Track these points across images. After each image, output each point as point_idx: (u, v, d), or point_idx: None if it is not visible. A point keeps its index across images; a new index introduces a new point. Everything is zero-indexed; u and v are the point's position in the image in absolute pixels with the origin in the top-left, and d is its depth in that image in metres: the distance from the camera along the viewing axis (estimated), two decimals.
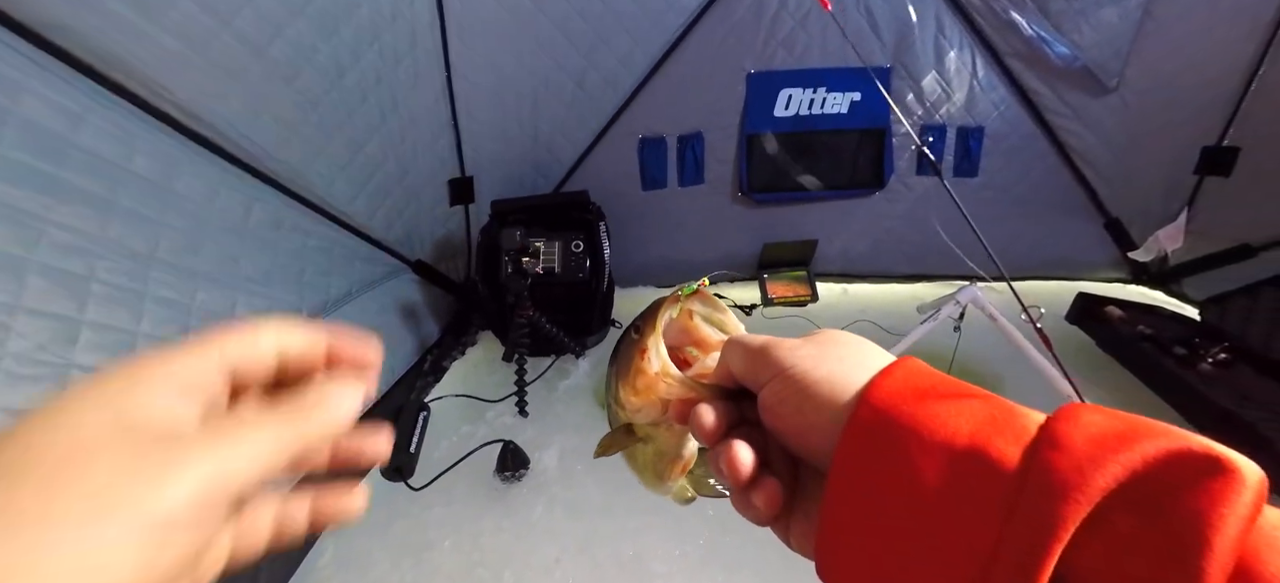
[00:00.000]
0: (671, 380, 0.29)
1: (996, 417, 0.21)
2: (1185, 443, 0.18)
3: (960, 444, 0.20)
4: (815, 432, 0.25)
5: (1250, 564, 0.15)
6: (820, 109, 1.78)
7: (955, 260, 1.94)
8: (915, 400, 0.22)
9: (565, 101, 1.63)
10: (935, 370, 0.25)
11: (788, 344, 0.27)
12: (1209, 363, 1.33)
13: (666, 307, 0.31)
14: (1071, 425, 0.19)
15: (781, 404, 0.26)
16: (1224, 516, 0.16)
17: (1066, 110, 1.72)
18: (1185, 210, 1.77)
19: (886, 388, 0.23)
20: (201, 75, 0.92)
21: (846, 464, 0.23)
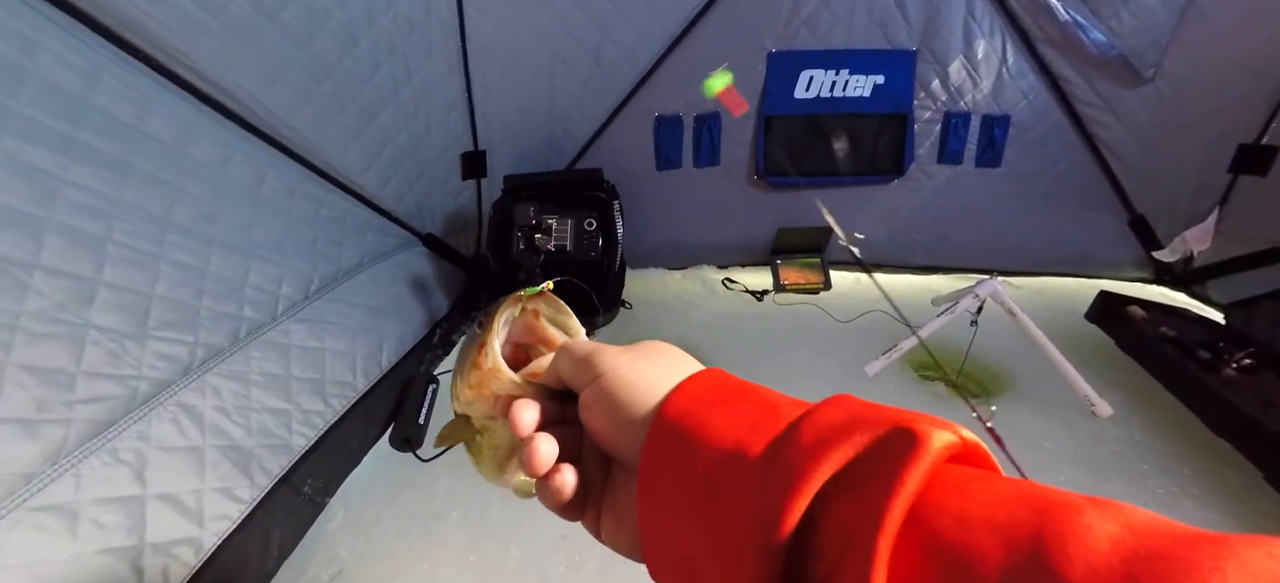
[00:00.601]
0: (502, 378, 0.31)
1: (762, 417, 0.24)
2: (889, 425, 0.21)
3: (728, 445, 0.23)
4: (623, 432, 0.27)
5: (923, 505, 0.19)
6: (842, 91, 1.73)
7: (972, 254, 1.91)
8: (706, 407, 0.25)
9: (581, 77, 1.61)
10: (732, 378, 0.28)
11: (610, 352, 0.29)
12: (1233, 368, 1.30)
13: (508, 306, 0.33)
14: (809, 422, 0.22)
15: (597, 405, 0.28)
16: (904, 479, 0.19)
17: (1098, 100, 1.66)
18: (1216, 210, 1.71)
19: (682, 398, 0.26)
20: (216, 39, 0.91)
21: (648, 467, 0.25)
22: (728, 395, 0.26)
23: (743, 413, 0.25)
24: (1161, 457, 1.28)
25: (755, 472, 0.22)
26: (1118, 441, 1.33)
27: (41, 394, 0.72)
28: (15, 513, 0.67)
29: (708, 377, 0.28)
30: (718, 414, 0.25)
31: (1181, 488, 1.20)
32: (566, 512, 0.30)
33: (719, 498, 0.23)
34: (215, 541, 0.86)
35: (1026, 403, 1.45)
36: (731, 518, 0.22)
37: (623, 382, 0.28)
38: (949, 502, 0.19)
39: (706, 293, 1.92)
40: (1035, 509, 0.17)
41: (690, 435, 0.25)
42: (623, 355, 0.29)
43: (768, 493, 0.21)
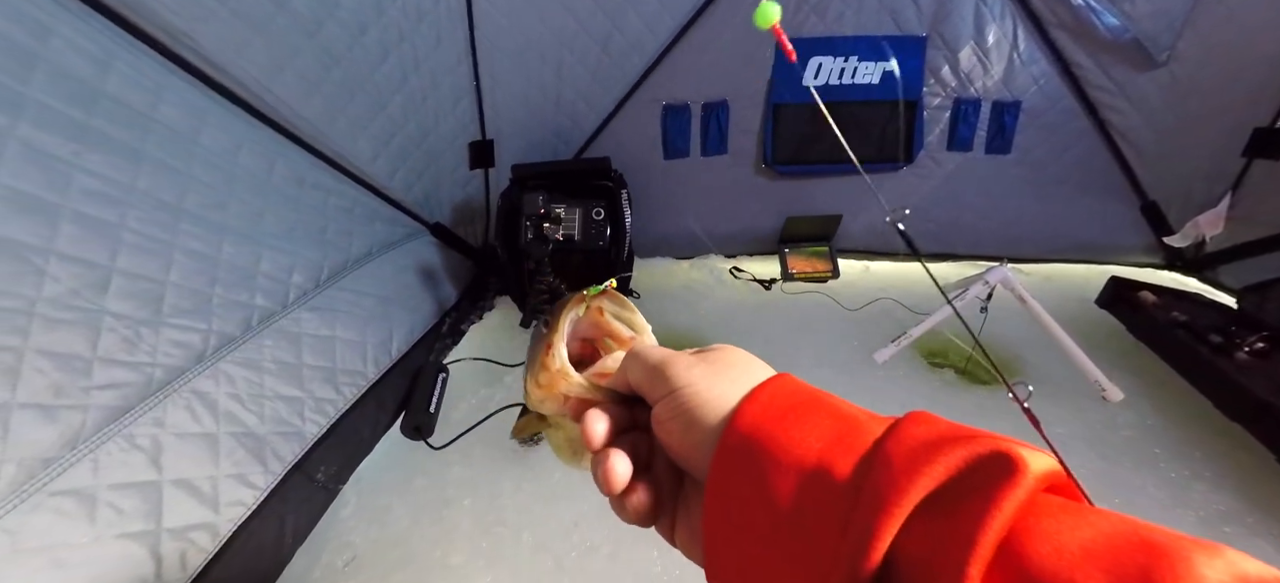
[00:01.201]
0: (570, 380, 0.30)
1: (843, 433, 0.23)
2: (984, 448, 0.20)
3: (809, 463, 0.22)
4: (697, 451, 0.26)
5: (1018, 535, 0.18)
6: (851, 79, 1.72)
7: (982, 241, 1.90)
8: (777, 420, 0.24)
9: (589, 66, 1.60)
10: (803, 386, 0.27)
11: (683, 362, 0.29)
12: (1246, 352, 1.29)
13: (572, 306, 0.33)
14: (896, 441, 0.22)
15: (671, 421, 0.27)
16: (1000, 505, 0.18)
17: (1111, 85, 1.64)
18: (1228, 194, 1.69)
19: (752, 410, 0.25)
20: (224, 26, 0.90)
21: (717, 484, 0.25)
22: (802, 406, 0.25)
23: (820, 427, 0.23)
24: (1174, 441, 1.27)
25: (842, 494, 0.21)
26: (1129, 425, 1.32)
27: (59, 380, 0.72)
28: (35, 497, 0.67)
29: (779, 385, 0.26)
30: (793, 428, 0.24)
31: (1194, 472, 1.20)
32: (639, 523, 0.29)
33: (799, 520, 0.22)
34: (231, 526, 0.86)
35: (1039, 389, 1.44)
36: (814, 542, 0.21)
37: (699, 398, 0.27)
38: (1046, 533, 0.18)
39: (714, 282, 1.91)
40: (1141, 550, 0.17)
41: (763, 451, 0.23)
42: (696, 367, 0.28)
43: (856, 518, 0.20)
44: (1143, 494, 1.16)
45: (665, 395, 0.28)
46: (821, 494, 0.22)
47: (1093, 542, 0.17)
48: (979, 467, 0.20)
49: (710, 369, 0.28)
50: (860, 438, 0.23)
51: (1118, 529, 0.18)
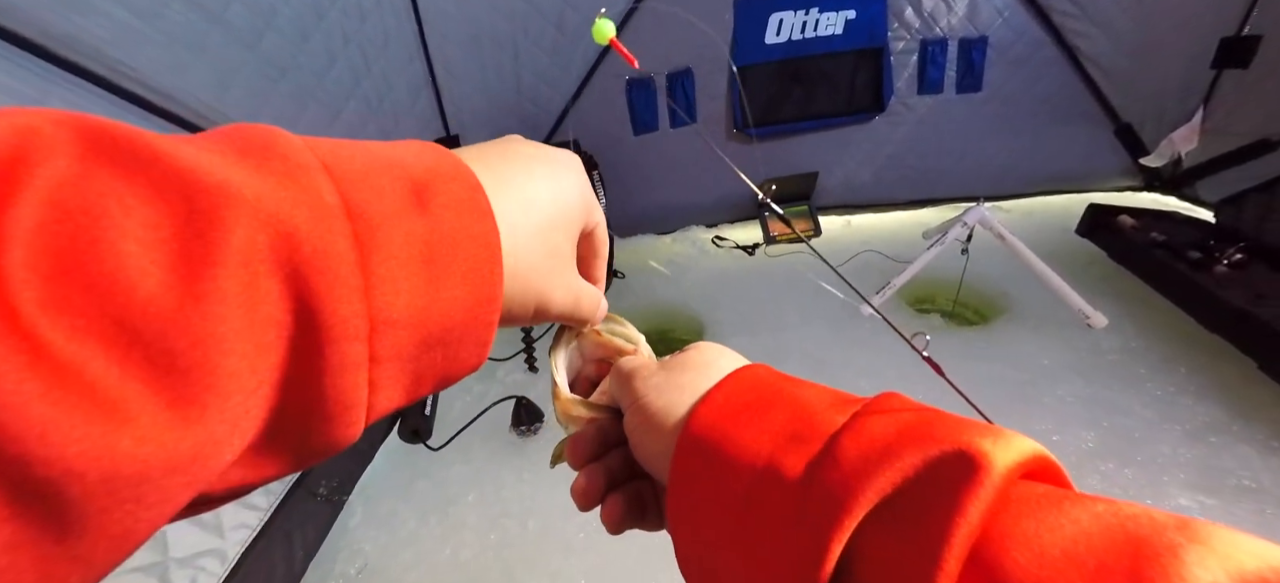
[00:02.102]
0: (573, 411, 0.32)
1: (797, 428, 0.22)
2: (945, 447, 0.19)
3: (760, 462, 0.21)
4: (658, 461, 0.26)
5: (992, 543, 0.17)
6: (813, 32, 1.69)
7: (960, 183, 1.90)
8: (732, 418, 0.23)
9: (546, 47, 1.56)
10: (768, 377, 0.26)
11: (642, 374, 0.28)
12: (1224, 265, 1.31)
13: (565, 339, 0.34)
14: (851, 436, 0.20)
15: (633, 433, 0.28)
16: (965, 512, 0.17)
17: (1074, 10, 1.63)
18: (1201, 108, 1.69)
19: (707, 411, 0.24)
20: (160, 50, 0.88)
21: (675, 489, 0.24)
22: (761, 401, 0.24)
23: (775, 422, 0.22)
24: (1158, 359, 1.29)
25: (792, 496, 0.20)
26: (1115, 349, 1.34)
27: None
28: None
29: (740, 379, 0.25)
30: (749, 424, 0.23)
31: (1179, 387, 1.22)
32: (635, 528, 0.29)
33: (756, 523, 0.21)
34: (239, 549, 0.87)
35: (1023, 323, 1.46)
36: (770, 547, 0.20)
37: (649, 409, 0.26)
38: (1024, 537, 0.16)
39: (698, 254, 1.91)
40: (1128, 548, 0.15)
41: (719, 450, 0.23)
42: (653, 377, 0.28)
43: (806, 523, 0.19)
44: (1130, 415, 1.18)
45: (627, 409, 0.28)
46: (772, 496, 0.21)
47: (1074, 542, 0.16)
48: (938, 468, 0.18)
49: (666, 377, 0.27)
50: (815, 432, 0.21)
51: (1102, 524, 0.16)
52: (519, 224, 0.23)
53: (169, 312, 0.13)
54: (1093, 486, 1.05)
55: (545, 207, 0.24)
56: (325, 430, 0.17)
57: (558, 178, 0.25)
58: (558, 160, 0.26)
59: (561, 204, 0.25)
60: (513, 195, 0.23)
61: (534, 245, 0.24)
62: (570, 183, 0.26)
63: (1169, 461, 1.08)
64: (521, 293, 0.24)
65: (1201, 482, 1.03)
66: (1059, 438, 1.14)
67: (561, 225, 0.25)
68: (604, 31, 0.66)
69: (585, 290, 0.28)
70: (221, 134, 0.17)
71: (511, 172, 0.23)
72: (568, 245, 0.26)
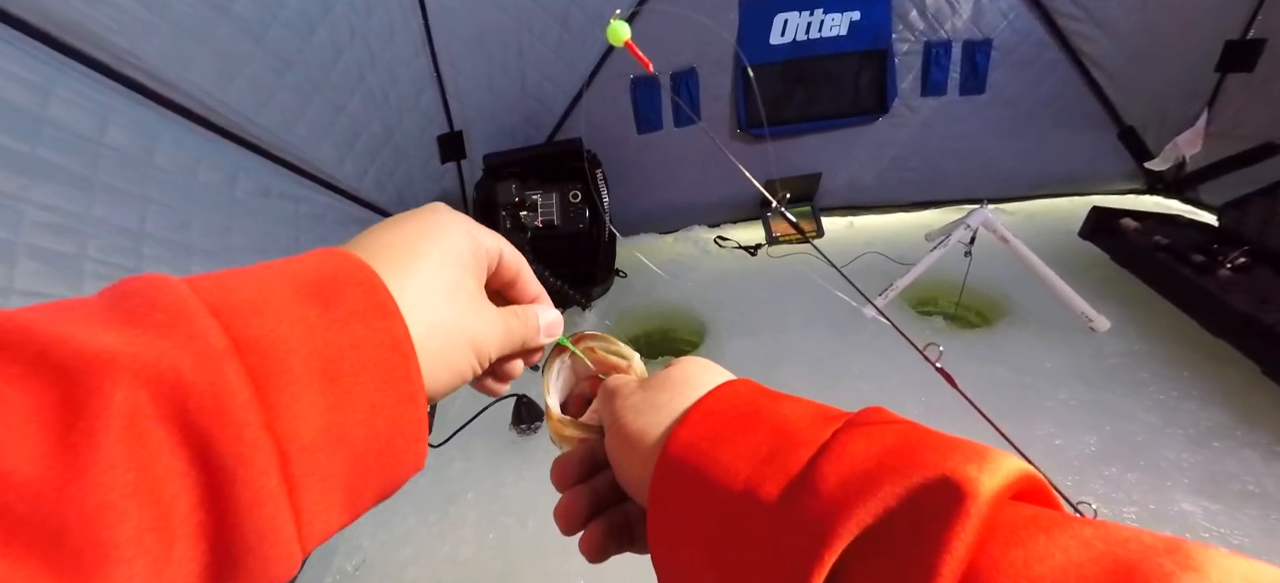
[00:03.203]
0: (565, 434, 0.32)
1: (776, 449, 0.21)
2: (928, 473, 0.18)
3: (737, 486, 0.21)
4: (636, 487, 0.25)
5: (981, 575, 0.16)
6: (818, 33, 1.69)
7: (963, 185, 1.89)
8: (711, 439, 0.23)
9: (551, 44, 1.56)
10: (749, 393, 0.25)
11: (622, 393, 0.28)
12: (1228, 268, 1.30)
13: (554, 359, 0.34)
14: (831, 461, 0.20)
15: (613, 454, 0.27)
16: (951, 543, 0.16)
17: (1079, 12, 1.62)
18: (1205, 112, 1.69)
19: (685, 433, 0.24)
20: (167, 39, 0.88)
21: (654, 513, 0.23)
22: (741, 419, 0.23)
23: (754, 442, 0.21)
24: (1161, 363, 1.29)
25: (768, 523, 0.19)
26: (1117, 353, 1.34)
27: None
28: None
29: (720, 397, 0.24)
30: (728, 444, 0.22)
31: (1182, 392, 1.21)
32: (623, 552, 0.29)
33: (735, 550, 0.20)
34: None
35: (1026, 326, 1.46)
36: (749, 576, 0.19)
37: (626, 431, 0.26)
38: (1010, 566, 0.16)
39: (700, 254, 1.91)
40: (1117, 578, 0.15)
41: (698, 473, 0.22)
42: (632, 396, 0.27)
43: (785, 554, 0.18)
44: (1133, 419, 1.17)
45: (608, 431, 0.27)
46: (749, 521, 0.20)
47: (1064, 572, 0.15)
48: (922, 498, 0.17)
49: (645, 396, 0.27)
50: (794, 454, 0.20)
51: (1093, 552, 0.16)
52: (424, 302, 0.23)
53: (52, 491, 0.13)
54: (1096, 490, 1.04)
55: (440, 271, 0.24)
56: (259, 567, 0.17)
57: (438, 236, 0.25)
58: (430, 220, 0.25)
59: (453, 257, 0.25)
60: (409, 277, 0.23)
61: (446, 314, 0.23)
62: (452, 235, 0.25)
63: (1172, 465, 1.07)
64: (449, 366, 0.24)
65: (1205, 487, 1.03)
66: (1061, 442, 1.14)
67: (461, 280, 0.25)
68: (619, 33, 0.66)
69: (514, 317, 0.27)
70: (104, 295, 0.17)
71: (399, 253, 0.23)
72: (476, 290, 0.26)
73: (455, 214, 0.26)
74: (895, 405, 0.93)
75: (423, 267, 0.23)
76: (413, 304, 0.22)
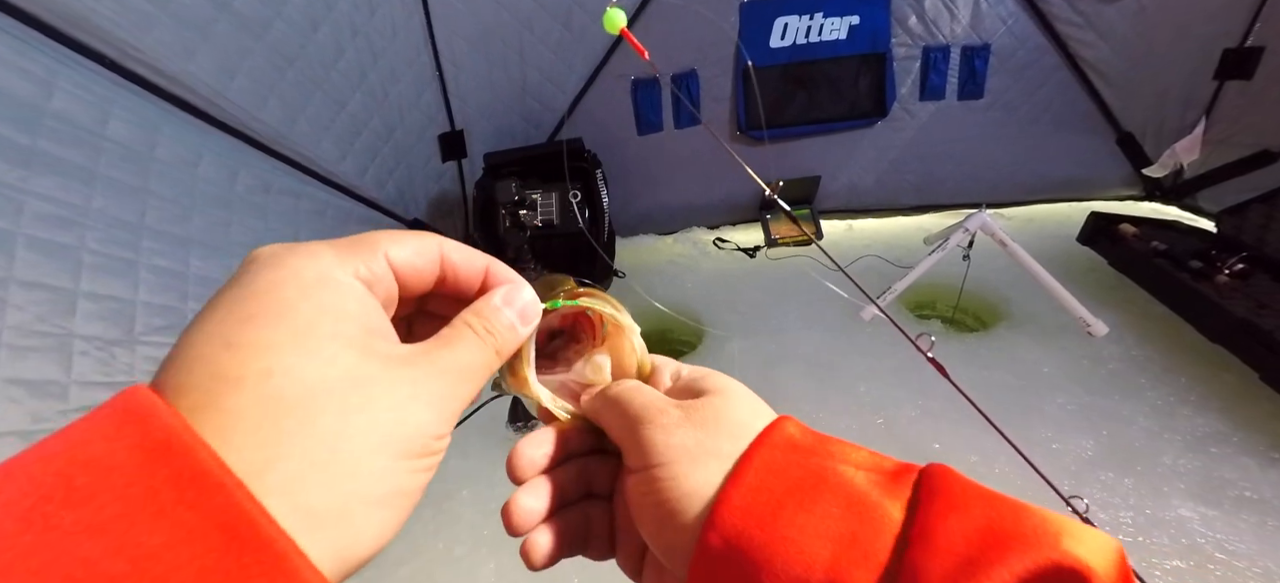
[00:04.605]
0: (536, 395, 0.25)
1: (856, 531, 0.18)
2: (1037, 559, 0.16)
3: (818, 578, 0.18)
4: (674, 554, 0.21)
5: None
6: (818, 36, 1.70)
7: (962, 189, 1.90)
8: (771, 514, 0.19)
9: (552, 44, 1.57)
10: (802, 445, 0.21)
11: (663, 425, 0.22)
12: (1226, 274, 1.30)
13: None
14: (929, 552, 0.17)
15: (645, 506, 0.22)
16: None
17: (1078, 19, 1.63)
18: (1203, 119, 1.69)
19: (739, 499, 0.20)
20: (168, 33, 0.88)
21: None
22: (801, 487, 0.19)
23: (826, 522, 0.19)
24: (1159, 369, 1.29)
25: None
26: (1115, 358, 1.34)
27: (36, 407, 0.72)
28: None
29: (771, 456, 0.21)
30: (794, 518, 0.19)
31: (1179, 397, 1.21)
32: (587, 554, 0.25)
33: None
34: None
35: (1024, 330, 1.46)
36: None
37: (679, 486, 0.21)
38: None
39: (699, 255, 1.91)
40: None
41: (764, 553, 0.18)
42: (679, 431, 0.22)
43: None
44: (1131, 425, 1.17)
45: (640, 471, 0.22)
46: None
47: None
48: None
49: (699, 435, 0.22)
50: (878, 536, 0.18)
51: None
52: (293, 445, 0.15)
53: None
54: (1093, 495, 1.04)
55: (310, 366, 0.16)
56: None
57: (293, 307, 0.16)
58: (273, 285, 0.17)
59: (328, 330, 0.17)
60: (260, 412, 0.15)
61: (338, 443, 0.16)
62: (316, 292, 0.17)
63: (1169, 471, 1.07)
64: (366, 523, 0.16)
65: (1202, 493, 1.02)
66: (1058, 446, 1.14)
67: (353, 358, 0.17)
68: (615, 21, 0.67)
69: (448, 350, 0.20)
70: None
71: (241, 368, 0.15)
72: (385, 342, 0.18)
73: (305, 250, 0.18)
74: (892, 406, 0.93)
75: (279, 383, 0.15)
76: (278, 458, 0.15)
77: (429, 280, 0.21)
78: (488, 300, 0.21)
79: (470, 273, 0.22)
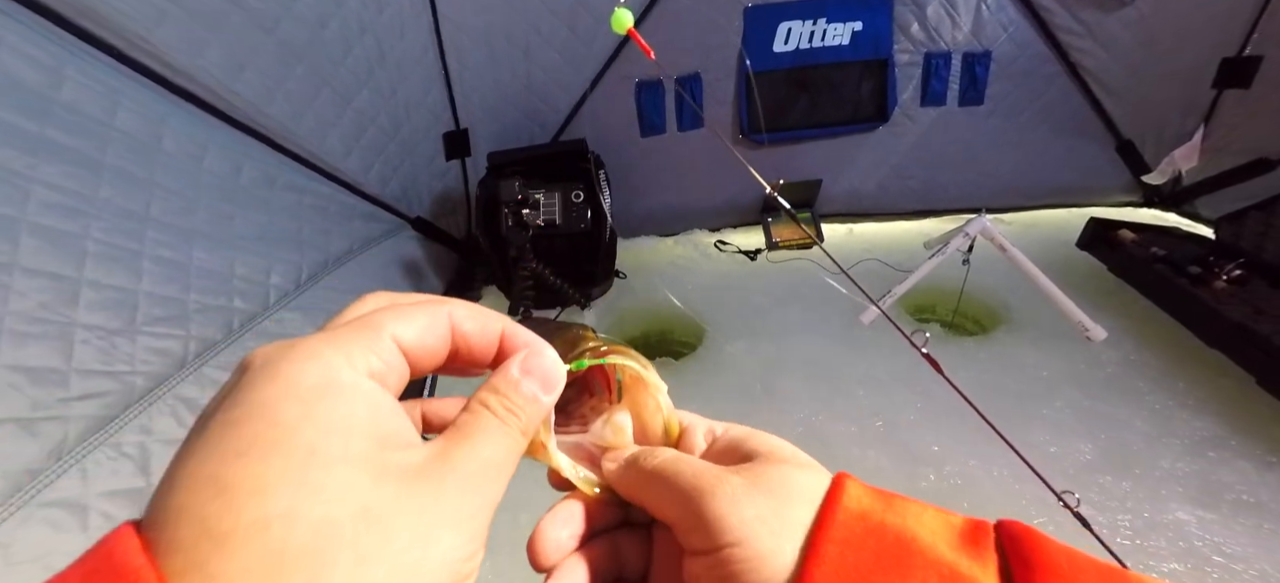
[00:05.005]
0: (555, 463, 0.22)
1: None
2: None
3: None
4: None
5: None
6: (821, 41, 1.71)
7: (962, 194, 1.91)
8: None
9: (557, 46, 1.58)
10: (873, 511, 0.19)
11: (729, 495, 0.19)
12: (1223, 280, 1.31)
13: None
14: None
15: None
16: None
17: (1079, 27, 1.65)
18: (1201, 127, 1.71)
19: (825, 578, 0.18)
20: (179, 26, 0.89)
21: None
22: (887, 564, 0.18)
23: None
24: (1157, 373, 1.29)
25: None
26: (1114, 362, 1.34)
27: (36, 394, 0.72)
28: (25, 509, 0.67)
29: (850, 529, 0.19)
30: None
31: (1178, 401, 1.22)
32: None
33: None
34: None
35: (1024, 335, 1.47)
36: None
37: (758, 560, 0.18)
38: None
39: (700, 257, 1.92)
40: None
41: None
42: (746, 501, 0.19)
43: None
44: (1129, 429, 1.18)
45: (710, 552, 0.19)
46: None
47: None
48: None
49: (773, 503, 0.19)
50: None
51: None
52: None
53: None
54: (1091, 498, 1.04)
55: (336, 504, 0.14)
56: None
57: (319, 404, 0.15)
58: (289, 379, 0.15)
59: (353, 437, 0.15)
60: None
61: (372, 578, 0.14)
62: (337, 393, 0.15)
63: (1167, 474, 1.07)
64: None
65: (1200, 496, 1.03)
66: (1057, 450, 1.14)
67: (380, 470, 0.15)
68: (623, 21, 0.68)
69: (466, 441, 0.17)
70: None
71: (250, 518, 0.13)
72: (402, 452, 0.16)
73: (305, 350, 0.16)
74: (893, 410, 0.94)
75: (278, 535, 0.13)
76: None
77: (440, 358, 0.20)
78: (505, 373, 0.19)
79: (485, 343, 0.20)
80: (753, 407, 1.30)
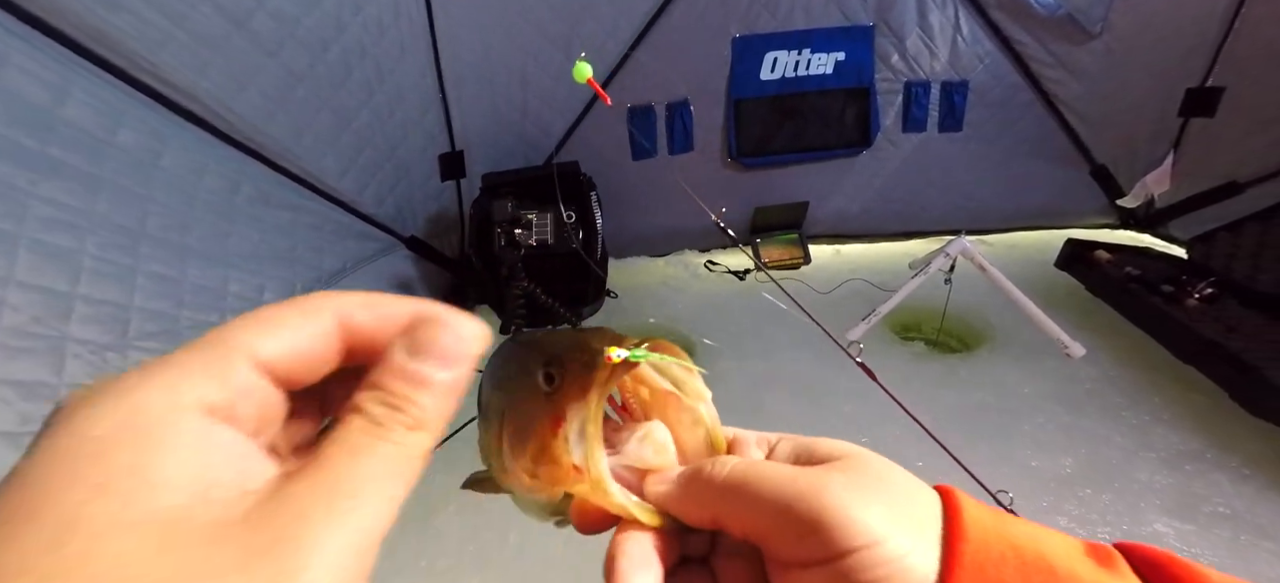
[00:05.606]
0: (608, 499, 0.19)
1: None
2: None
3: None
4: None
5: None
6: (805, 70, 1.78)
7: (944, 216, 1.96)
8: None
9: (552, 73, 1.63)
10: (992, 522, 0.18)
11: (844, 497, 0.17)
12: (1196, 298, 1.36)
13: (602, 378, 0.19)
14: None
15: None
16: None
17: (1051, 59, 1.72)
18: (1171, 153, 1.78)
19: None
20: (183, 48, 0.92)
21: None
22: (1021, 575, 0.17)
23: None
24: (1134, 389, 1.32)
25: None
26: (1092, 378, 1.37)
27: (25, 409, 0.72)
28: None
29: (979, 545, 0.17)
30: None
31: (1154, 416, 1.25)
32: None
33: None
34: None
35: (1005, 353, 1.50)
36: None
37: (910, 555, 0.17)
38: None
39: (690, 277, 1.94)
40: None
41: None
42: (866, 496, 0.17)
43: None
44: (1108, 443, 1.20)
45: (827, 560, 0.17)
46: None
47: None
48: None
49: (889, 499, 0.18)
50: None
51: None
52: None
53: None
54: (1071, 511, 1.06)
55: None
56: None
57: (107, 458, 0.11)
58: (78, 429, 0.12)
59: (155, 492, 0.11)
60: None
61: None
62: (140, 440, 0.12)
63: (1145, 487, 1.09)
64: None
65: (1177, 508, 1.05)
66: (1038, 464, 1.16)
67: (189, 538, 0.11)
68: (583, 72, 0.73)
69: (343, 452, 0.14)
70: None
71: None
72: (228, 507, 0.12)
73: (116, 389, 0.12)
74: (879, 427, 0.97)
75: None
76: None
77: (327, 364, 0.15)
78: (386, 360, 0.15)
79: (391, 331, 0.15)
80: (740, 424, 1.31)
